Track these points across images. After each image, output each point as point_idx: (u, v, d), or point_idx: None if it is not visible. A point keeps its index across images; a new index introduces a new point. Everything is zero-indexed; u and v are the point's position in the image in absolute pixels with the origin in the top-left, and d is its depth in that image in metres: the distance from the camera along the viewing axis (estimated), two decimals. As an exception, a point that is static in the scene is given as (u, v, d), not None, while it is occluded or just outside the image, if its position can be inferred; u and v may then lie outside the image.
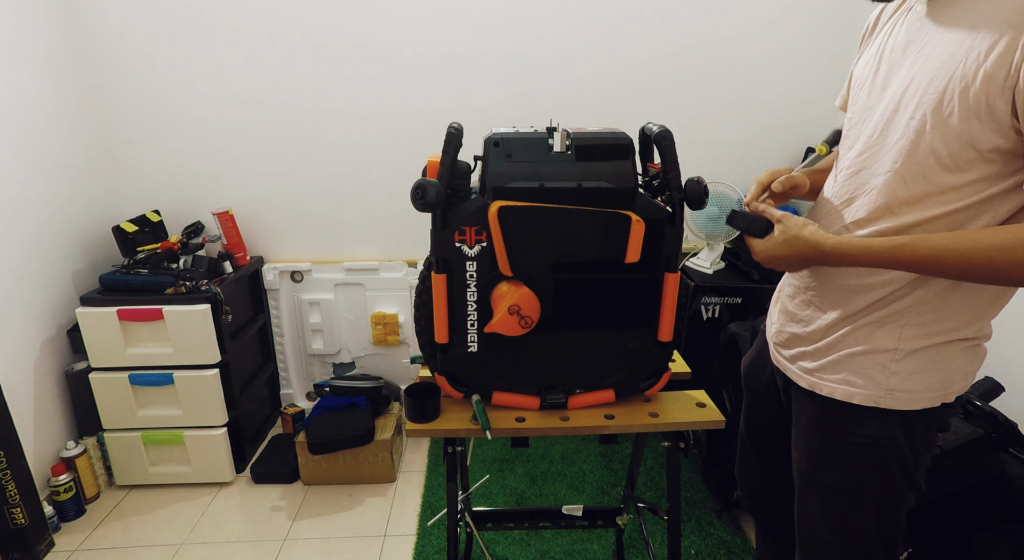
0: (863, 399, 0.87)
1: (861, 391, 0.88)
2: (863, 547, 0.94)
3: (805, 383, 0.95)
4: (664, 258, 1.03)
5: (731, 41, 2.17)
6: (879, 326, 0.86)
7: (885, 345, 0.85)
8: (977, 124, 0.70)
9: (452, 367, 1.10)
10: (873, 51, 0.89)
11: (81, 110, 2.10)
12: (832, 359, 0.90)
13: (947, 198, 0.76)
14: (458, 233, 0.99)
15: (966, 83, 0.70)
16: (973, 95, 0.69)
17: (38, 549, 1.74)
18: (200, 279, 1.96)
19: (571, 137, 0.97)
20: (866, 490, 0.91)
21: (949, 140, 0.73)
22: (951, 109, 0.72)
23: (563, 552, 1.77)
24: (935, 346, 0.84)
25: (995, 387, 1.47)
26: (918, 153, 0.76)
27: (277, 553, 1.79)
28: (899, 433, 0.87)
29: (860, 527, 0.93)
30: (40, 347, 1.93)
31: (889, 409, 0.86)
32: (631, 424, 1.09)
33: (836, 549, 0.96)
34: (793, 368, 0.98)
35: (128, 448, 2.01)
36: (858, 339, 0.88)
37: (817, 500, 0.97)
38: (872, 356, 0.86)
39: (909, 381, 0.85)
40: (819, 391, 0.92)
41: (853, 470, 0.91)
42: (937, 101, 0.73)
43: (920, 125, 0.75)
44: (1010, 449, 1.35)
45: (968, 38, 0.71)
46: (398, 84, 2.19)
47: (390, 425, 2.13)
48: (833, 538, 0.96)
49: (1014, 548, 1.26)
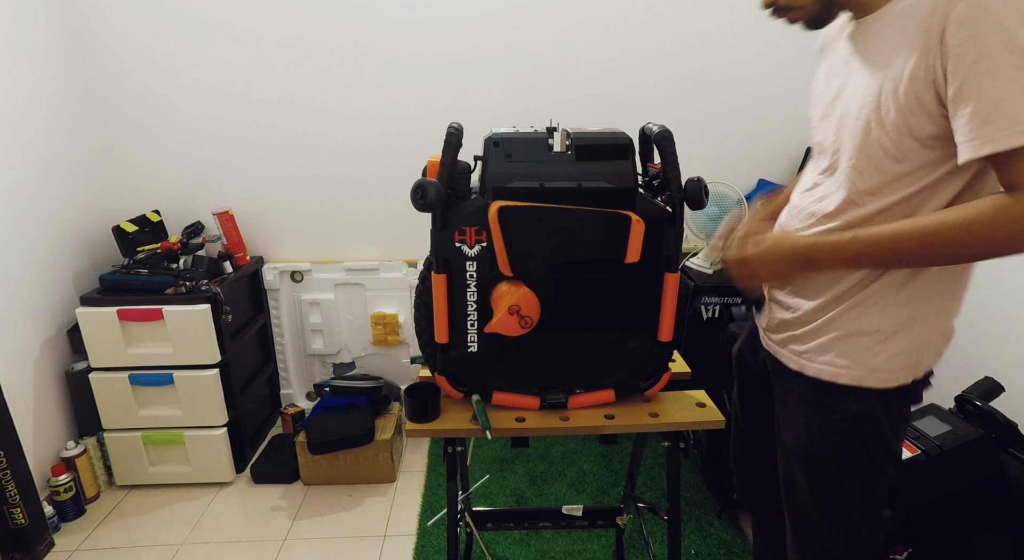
0: (848, 379, 0.93)
1: (846, 371, 0.93)
2: (849, 520, 0.99)
3: (794, 365, 0.99)
4: (664, 258, 1.03)
5: (731, 41, 2.17)
6: (862, 309, 0.91)
7: (868, 327, 0.91)
8: (911, 117, 0.80)
9: (452, 367, 1.10)
10: (825, 69, 1.00)
11: (81, 110, 2.10)
12: (820, 342, 0.95)
13: (900, 185, 0.84)
14: (458, 233, 0.99)
15: (896, 84, 0.80)
16: (903, 93, 0.79)
17: (38, 549, 1.74)
18: (200, 279, 1.96)
19: (571, 137, 0.97)
20: (850, 464, 0.96)
21: (891, 133, 0.82)
22: (888, 107, 0.81)
23: (563, 552, 1.77)
24: (913, 325, 0.90)
25: (995, 387, 1.47)
26: (868, 148, 0.85)
27: (277, 553, 1.79)
28: (878, 409, 0.93)
29: (846, 501, 0.98)
30: (40, 347, 1.93)
31: (870, 388, 0.92)
32: (631, 424, 1.09)
33: (824, 525, 1.01)
34: (783, 351, 1.02)
35: (128, 448, 2.01)
36: (843, 323, 0.93)
37: (804, 477, 1.01)
38: (856, 338, 0.92)
39: (890, 361, 0.91)
40: (806, 372, 0.97)
41: (838, 446, 0.96)
42: (876, 102, 0.83)
43: (866, 124, 0.84)
44: (1010, 449, 1.35)
45: (891, 47, 0.82)
46: (398, 84, 2.19)
47: (390, 425, 2.13)
48: (821, 514, 1.01)
49: (1014, 548, 1.26)
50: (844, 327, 0.93)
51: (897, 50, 0.80)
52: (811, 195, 0.96)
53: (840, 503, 0.99)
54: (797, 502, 1.04)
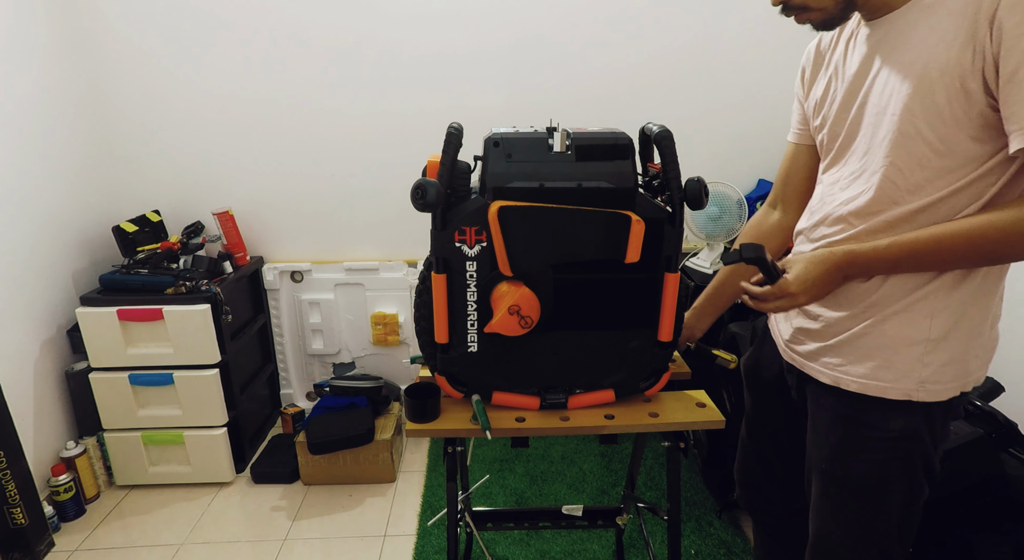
0: (897, 393, 0.88)
1: (892, 385, 0.88)
2: (882, 544, 0.94)
3: (828, 379, 0.94)
4: (664, 258, 1.02)
5: (731, 41, 2.17)
6: (909, 316, 0.86)
7: (917, 335, 0.86)
8: (957, 106, 0.77)
9: (452, 367, 1.09)
10: (830, 74, 0.95)
11: (81, 110, 2.10)
12: (858, 353, 0.90)
13: (944, 181, 0.81)
14: (458, 233, 0.99)
15: (939, 73, 0.77)
16: (948, 83, 0.76)
17: (38, 549, 1.74)
18: (200, 279, 1.96)
19: (571, 137, 0.97)
20: (890, 486, 0.91)
21: (936, 125, 0.79)
22: (931, 99, 0.78)
23: (563, 552, 1.77)
24: (961, 332, 0.86)
25: (995, 387, 1.47)
26: (909, 143, 0.81)
27: (277, 553, 1.79)
28: (922, 425, 0.88)
29: (882, 524, 0.93)
30: (40, 347, 1.93)
31: (918, 402, 0.87)
32: (631, 424, 1.09)
33: (853, 550, 0.96)
34: (813, 365, 0.97)
35: (128, 448, 2.01)
36: (885, 331, 0.88)
37: (837, 499, 0.96)
38: (903, 349, 0.87)
39: (940, 372, 0.86)
40: (845, 387, 0.92)
41: (878, 466, 0.91)
42: (914, 91, 0.79)
43: (905, 118, 0.81)
44: (1010, 449, 1.35)
45: (927, 41, 0.78)
46: (398, 84, 2.19)
47: (390, 425, 2.13)
48: (851, 538, 0.96)
49: (1014, 548, 1.26)
50: (887, 336, 0.88)
51: (935, 42, 0.77)
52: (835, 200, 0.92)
53: (876, 526, 0.93)
54: (825, 523, 0.99)
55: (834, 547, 0.98)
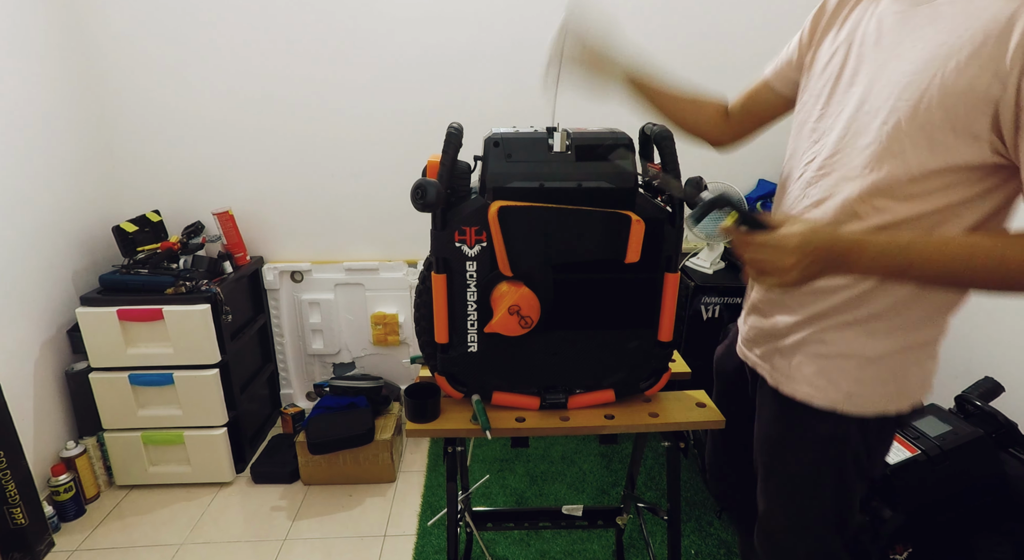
0: (822, 401, 0.90)
1: (821, 393, 0.90)
2: (816, 530, 0.99)
3: (770, 380, 0.98)
4: (664, 258, 1.03)
5: (731, 40, 2.17)
6: (847, 329, 0.86)
7: (851, 350, 0.87)
8: (952, 136, 0.69)
9: (452, 367, 1.09)
10: (841, 40, 0.85)
11: (81, 110, 2.10)
12: (797, 359, 0.92)
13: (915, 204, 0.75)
14: (458, 233, 0.99)
15: (944, 92, 0.68)
16: (950, 106, 0.68)
17: (38, 549, 1.74)
18: (200, 279, 1.96)
19: (571, 137, 0.97)
20: (822, 481, 0.95)
21: (921, 150, 0.72)
22: (927, 118, 0.70)
23: (563, 552, 1.77)
24: (899, 352, 0.85)
25: (995, 387, 1.47)
26: (891, 159, 0.75)
27: (277, 553, 1.79)
28: (854, 431, 0.90)
29: (816, 513, 0.98)
30: (40, 347, 1.93)
31: (841, 413, 0.89)
32: (631, 424, 1.09)
33: (792, 532, 1.01)
34: (762, 364, 1.00)
35: (128, 448, 2.01)
36: (824, 341, 0.89)
37: (776, 488, 1.01)
38: (837, 360, 0.88)
39: (868, 387, 0.87)
40: (781, 389, 0.95)
41: (809, 463, 0.95)
42: (913, 109, 0.71)
43: (894, 131, 0.74)
44: (1010, 449, 1.35)
45: (945, 43, 0.69)
46: (398, 83, 2.19)
47: (390, 425, 2.13)
48: (790, 522, 1.01)
49: (1014, 548, 1.26)
50: (826, 345, 0.88)
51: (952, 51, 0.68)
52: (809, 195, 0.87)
53: (808, 514, 0.98)
54: (768, 508, 1.04)
55: (775, 528, 1.04)
